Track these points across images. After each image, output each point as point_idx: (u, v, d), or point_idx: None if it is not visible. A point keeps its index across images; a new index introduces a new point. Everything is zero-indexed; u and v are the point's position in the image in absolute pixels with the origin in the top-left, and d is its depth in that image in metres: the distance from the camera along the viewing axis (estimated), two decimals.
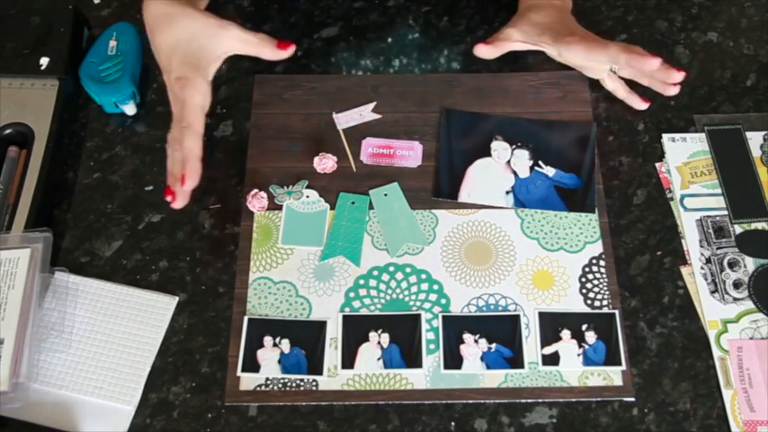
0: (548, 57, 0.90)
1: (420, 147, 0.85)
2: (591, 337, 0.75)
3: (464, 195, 0.82)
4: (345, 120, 0.86)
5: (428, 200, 0.82)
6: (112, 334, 0.76)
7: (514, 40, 0.86)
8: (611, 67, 0.85)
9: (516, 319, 0.76)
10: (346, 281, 0.78)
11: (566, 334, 0.75)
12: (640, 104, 0.86)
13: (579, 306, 0.77)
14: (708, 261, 0.78)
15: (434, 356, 0.75)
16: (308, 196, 0.82)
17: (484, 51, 0.86)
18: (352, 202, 0.82)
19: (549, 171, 0.83)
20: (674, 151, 0.84)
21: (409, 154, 0.85)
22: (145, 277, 0.79)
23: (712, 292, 0.77)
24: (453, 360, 0.74)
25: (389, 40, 0.92)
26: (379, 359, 0.74)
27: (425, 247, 0.80)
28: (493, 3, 0.91)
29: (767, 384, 0.73)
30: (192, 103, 0.75)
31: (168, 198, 0.76)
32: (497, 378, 0.74)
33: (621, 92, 0.86)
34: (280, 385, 0.74)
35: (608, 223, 0.81)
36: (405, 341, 0.75)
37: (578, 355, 0.74)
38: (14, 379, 0.71)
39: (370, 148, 0.85)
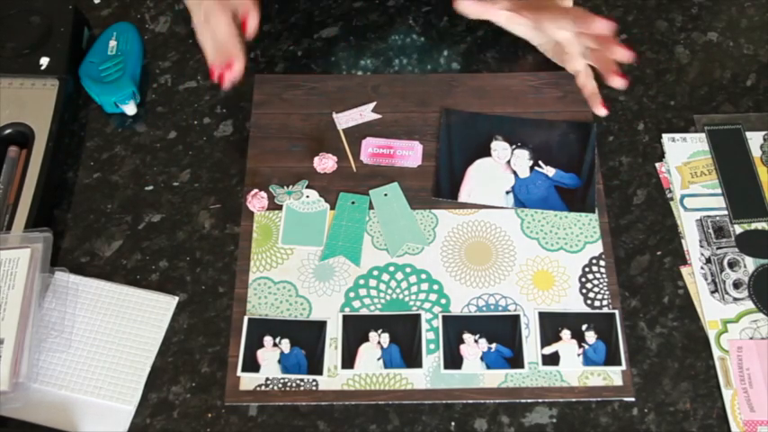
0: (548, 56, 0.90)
1: (420, 147, 0.85)
2: (591, 337, 0.75)
3: (464, 195, 0.82)
4: (345, 120, 0.86)
5: (428, 200, 0.82)
6: (112, 334, 0.76)
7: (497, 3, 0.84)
8: (579, 51, 0.83)
9: (516, 319, 0.76)
10: (346, 281, 0.78)
11: (566, 334, 0.75)
12: (600, 109, 0.83)
13: (579, 306, 0.77)
14: (708, 261, 0.78)
15: (434, 356, 0.75)
16: (307, 196, 0.82)
17: (468, 7, 0.84)
18: (352, 202, 0.82)
19: (549, 171, 0.83)
20: (674, 151, 0.84)
21: (409, 154, 0.85)
22: (145, 277, 0.79)
23: (712, 292, 0.77)
24: (453, 360, 0.74)
25: (389, 40, 0.92)
26: (379, 359, 0.74)
27: (425, 247, 0.80)
28: (493, 2, 0.91)
29: (767, 384, 0.73)
30: None
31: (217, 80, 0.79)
32: (497, 378, 0.74)
33: (588, 89, 0.84)
34: (280, 385, 0.74)
35: (608, 223, 0.81)
36: (405, 341, 0.75)
37: (578, 355, 0.74)
38: (14, 379, 0.71)
39: (370, 148, 0.85)
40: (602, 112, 0.83)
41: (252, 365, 0.74)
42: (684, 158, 0.84)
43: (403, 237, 0.80)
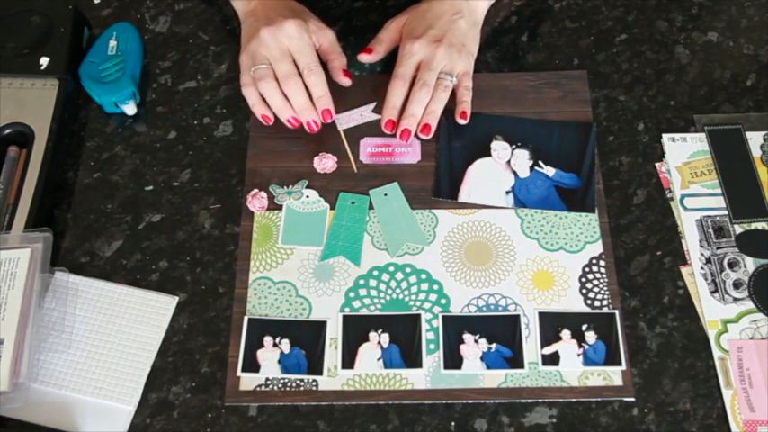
0: (548, 57, 0.90)
1: (418, 143, 0.85)
2: (591, 337, 0.75)
3: (464, 195, 0.82)
4: (346, 120, 0.86)
5: (428, 200, 0.82)
6: (112, 334, 0.76)
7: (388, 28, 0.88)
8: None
9: (516, 319, 0.76)
10: (346, 281, 0.78)
11: (566, 334, 0.75)
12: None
13: (579, 306, 0.77)
14: (708, 261, 0.78)
15: (434, 356, 0.75)
16: (307, 196, 0.82)
17: (366, 58, 0.88)
18: (352, 202, 0.82)
19: (549, 171, 0.83)
20: (674, 151, 0.84)
21: (408, 151, 0.85)
22: (145, 277, 0.79)
23: (712, 292, 0.77)
24: (453, 360, 0.74)
25: None
26: (379, 359, 0.74)
27: (425, 247, 0.80)
28: (493, 3, 0.91)
29: (767, 384, 0.73)
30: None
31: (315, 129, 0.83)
32: (497, 378, 0.74)
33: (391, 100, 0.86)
34: (280, 385, 0.74)
35: (608, 223, 0.81)
36: (405, 341, 0.75)
37: (578, 355, 0.74)
38: (14, 379, 0.71)
39: (369, 148, 0.85)
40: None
41: (252, 365, 0.74)
42: (684, 158, 0.84)
43: (403, 237, 0.80)
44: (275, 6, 0.84)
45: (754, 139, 0.84)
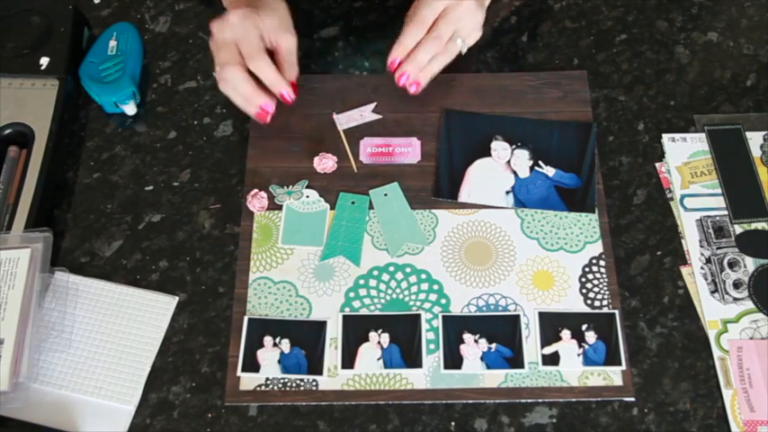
0: (548, 57, 0.90)
1: (418, 143, 0.85)
2: (591, 337, 0.75)
3: (464, 195, 0.82)
4: (346, 120, 0.86)
5: (428, 200, 0.82)
6: (112, 334, 0.76)
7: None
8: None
9: (516, 319, 0.76)
10: (346, 281, 0.78)
11: (566, 334, 0.75)
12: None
13: (579, 306, 0.77)
14: (708, 261, 0.78)
15: (434, 356, 0.75)
16: (308, 196, 0.82)
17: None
18: (352, 202, 0.82)
19: (549, 171, 0.83)
20: (674, 151, 0.84)
21: (408, 150, 0.85)
22: (145, 277, 0.79)
23: (712, 292, 0.77)
24: (453, 360, 0.74)
25: (389, 40, 0.92)
26: (379, 359, 0.74)
27: (425, 247, 0.80)
28: (493, 2, 0.91)
29: (767, 384, 0.73)
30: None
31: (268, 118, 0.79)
32: (497, 378, 0.74)
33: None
34: (280, 385, 0.74)
35: (608, 223, 0.81)
36: (405, 341, 0.75)
37: (578, 355, 0.74)
38: (14, 379, 0.71)
39: (369, 148, 0.85)
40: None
41: (252, 365, 0.74)
42: (684, 158, 0.84)
43: (403, 237, 0.80)
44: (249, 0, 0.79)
45: (754, 139, 0.84)
